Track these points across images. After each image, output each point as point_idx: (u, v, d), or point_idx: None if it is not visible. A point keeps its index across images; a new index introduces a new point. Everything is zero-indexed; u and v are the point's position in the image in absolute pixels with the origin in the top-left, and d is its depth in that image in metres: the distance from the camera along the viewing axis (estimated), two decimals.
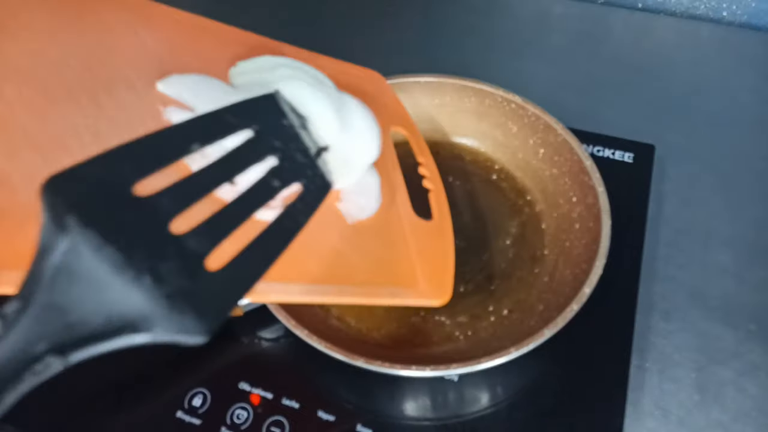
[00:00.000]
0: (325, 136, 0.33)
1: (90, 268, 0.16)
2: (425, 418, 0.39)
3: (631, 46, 0.64)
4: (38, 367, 0.15)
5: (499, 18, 0.68)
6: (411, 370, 0.35)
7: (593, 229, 0.41)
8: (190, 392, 0.40)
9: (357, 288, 0.33)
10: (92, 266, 0.16)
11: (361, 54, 0.49)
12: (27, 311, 0.16)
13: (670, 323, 0.43)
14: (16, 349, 0.15)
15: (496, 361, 0.34)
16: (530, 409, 0.39)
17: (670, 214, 0.49)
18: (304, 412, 0.39)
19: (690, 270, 0.46)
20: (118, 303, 0.16)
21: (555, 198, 0.47)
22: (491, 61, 0.62)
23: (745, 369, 0.41)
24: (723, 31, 0.65)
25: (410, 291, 0.36)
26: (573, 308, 0.36)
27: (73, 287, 0.16)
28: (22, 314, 0.16)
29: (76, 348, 0.16)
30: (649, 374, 0.41)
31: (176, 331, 0.17)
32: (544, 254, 0.45)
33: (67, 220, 0.16)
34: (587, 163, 0.44)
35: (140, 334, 0.17)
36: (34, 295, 0.16)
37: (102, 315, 0.16)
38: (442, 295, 0.37)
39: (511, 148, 0.50)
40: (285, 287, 0.30)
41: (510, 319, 0.42)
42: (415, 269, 0.37)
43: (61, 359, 0.16)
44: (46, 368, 0.16)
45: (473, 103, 0.50)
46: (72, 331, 0.16)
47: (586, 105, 0.57)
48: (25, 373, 0.15)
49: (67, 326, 0.16)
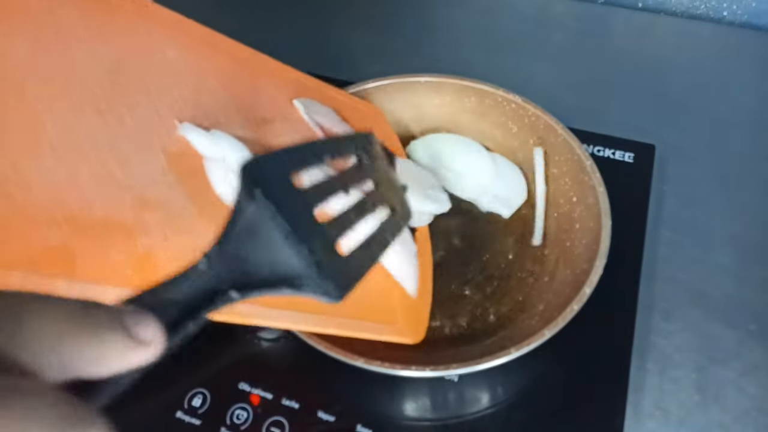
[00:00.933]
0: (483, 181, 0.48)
1: (266, 230, 0.21)
2: (425, 419, 0.39)
3: (632, 45, 0.64)
4: (223, 297, 0.20)
5: (500, 18, 0.68)
6: (411, 371, 0.34)
7: (594, 229, 0.41)
8: (190, 392, 0.40)
9: (339, 320, 0.34)
10: (268, 229, 0.21)
11: (361, 54, 0.49)
12: (222, 255, 0.20)
13: (670, 323, 0.43)
14: (212, 282, 0.20)
15: (497, 361, 0.34)
16: (530, 410, 0.39)
17: (671, 214, 0.49)
18: (304, 413, 0.39)
19: (690, 270, 0.46)
20: (281, 262, 0.21)
21: (555, 198, 0.47)
22: (491, 61, 0.62)
23: (746, 369, 0.41)
24: (723, 30, 0.65)
25: (389, 328, 0.37)
26: (573, 308, 0.36)
27: (252, 243, 0.21)
28: (218, 257, 0.20)
29: (248, 289, 0.20)
30: (649, 375, 0.41)
31: (320, 292, 0.22)
32: (544, 254, 0.45)
33: (255, 191, 0.21)
34: (587, 163, 0.43)
35: (292, 289, 0.21)
36: (228, 243, 0.20)
37: (269, 268, 0.21)
38: (416, 335, 0.39)
39: (511, 148, 0.50)
40: (269, 312, 0.31)
41: (510, 320, 0.42)
42: (395, 307, 0.39)
43: (239, 294, 0.20)
44: (228, 299, 0.20)
45: (473, 103, 0.50)
46: (247, 276, 0.21)
47: (586, 105, 0.57)
48: (215, 299, 0.20)
49: (244, 272, 0.21)
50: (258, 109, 0.39)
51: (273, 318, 0.31)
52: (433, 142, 0.51)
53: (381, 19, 0.69)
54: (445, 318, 0.43)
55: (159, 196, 0.29)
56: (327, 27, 0.69)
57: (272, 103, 0.41)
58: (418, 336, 0.39)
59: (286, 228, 0.21)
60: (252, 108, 0.39)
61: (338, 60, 0.61)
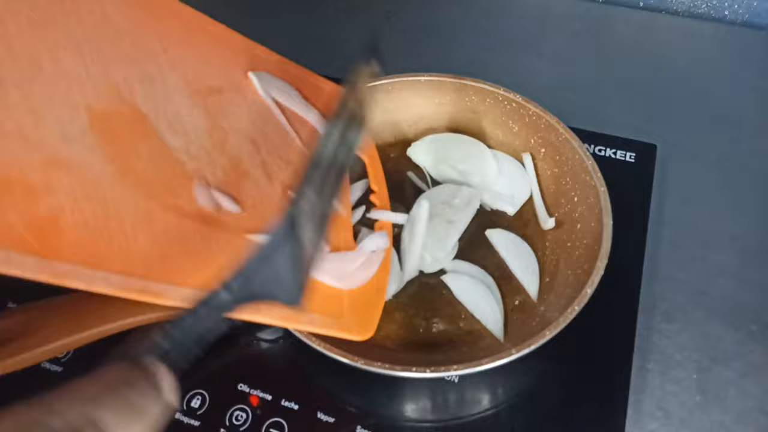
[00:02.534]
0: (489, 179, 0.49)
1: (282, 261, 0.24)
2: (426, 420, 0.39)
3: (633, 45, 0.64)
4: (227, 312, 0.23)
5: (500, 17, 0.68)
6: (411, 372, 0.34)
7: (595, 229, 0.41)
8: (189, 394, 0.40)
9: (274, 309, 0.32)
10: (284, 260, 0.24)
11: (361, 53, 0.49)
12: (244, 283, 0.23)
13: (671, 324, 0.43)
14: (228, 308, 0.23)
15: (497, 362, 0.34)
16: (531, 411, 0.39)
17: (672, 213, 0.49)
18: (304, 414, 0.39)
19: (692, 270, 0.46)
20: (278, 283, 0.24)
21: (556, 197, 0.47)
22: (492, 60, 0.62)
23: (747, 370, 0.41)
24: (724, 30, 0.65)
25: (332, 321, 0.35)
26: (574, 309, 0.36)
27: (265, 271, 0.24)
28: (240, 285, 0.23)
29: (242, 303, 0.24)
30: (651, 375, 0.41)
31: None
32: (545, 254, 0.45)
33: (297, 232, 0.25)
34: (589, 162, 0.43)
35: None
36: (251, 272, 0.23)
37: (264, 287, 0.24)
38: (365, 332, 0.37)
39: (512, 147, 0.50)
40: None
41: (511, 320, 0.42)
42: (343, 301, 0.37)
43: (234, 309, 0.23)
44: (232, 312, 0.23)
45: (474, 102, 0.50)
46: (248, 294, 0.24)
47: (587, 104, 0.57)
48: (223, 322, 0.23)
49: (250, 293, 0.24)
50: (207, 78, 0.37)
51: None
52: (434, 141, 0.51)
53: (381, 18, 0.69)
54: (445, 319, 0.43)
55: (74, 157, 0.27)
56: (326, 25, 0.68)
57: (224, 74, 0.39)
58: (367, 332, 0.37)
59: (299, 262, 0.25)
60: (200, 77, 0.37)
61: (337, 58, 0.61)
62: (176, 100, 0.34)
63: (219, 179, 0.34)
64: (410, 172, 0.51)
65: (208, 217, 0.32)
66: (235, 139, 0.37)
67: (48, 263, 0.23)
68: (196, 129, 0.35)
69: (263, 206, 0.36)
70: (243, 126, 0.38)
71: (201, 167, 0.33)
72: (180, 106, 0.34)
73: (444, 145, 0.51)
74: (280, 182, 0.39)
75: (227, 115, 0.37)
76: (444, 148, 0.51)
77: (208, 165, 0.34)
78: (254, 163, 0.38)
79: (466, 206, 0.47)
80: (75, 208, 0.25)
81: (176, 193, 0.31)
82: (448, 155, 0.50)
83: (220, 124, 0.36)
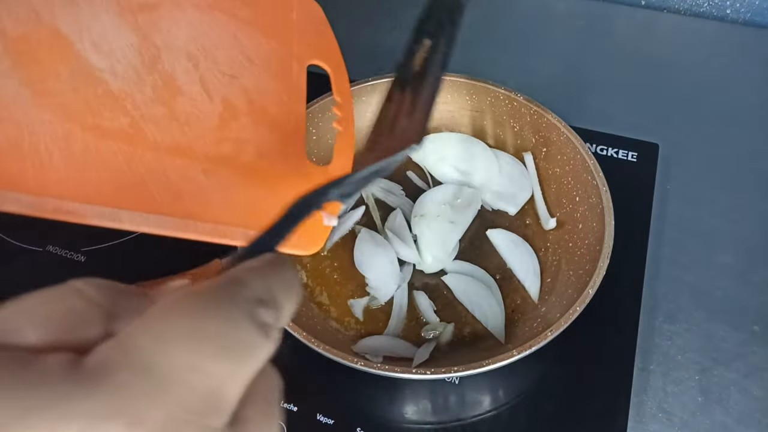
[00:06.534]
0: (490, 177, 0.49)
1: None
2: (426, 422, 0.39)
3: (635, 43, 0.63)
4: None
5: (502, 15, 0.68)
6: (412, 374, 0.34)
7: (596, 229, 0.40)
8: None
9: (203, 225, 0.31)
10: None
11: (361, 52, 0.49)
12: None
13: (674, 325, 0.43)
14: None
15: (499, 363, 0.34)
16: (532, 412, 0.39)
17: (674, 213, 0.49)
18: (303, 416, 0.38)
19: (694, 271, 0.45)
20: None
21: (558, 197, 0.47)
22: (493, 59, 0.62)
23: (749, 371, 0.41)
24: (726, 28, 0.64)
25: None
26: (576, 310, 0.36)
27: None
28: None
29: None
30: (653, 376, 0.41)
31: None
32: (546, 255, 0.45)
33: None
34: (590, 162, 0.43)
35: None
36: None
37: None
38: (311, 247, 0.35)
39: (513, 146, 0.50)
40: (110, 212, 0.29)
41: (512, 321, 0.42)
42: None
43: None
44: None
45: (475, 101, 0.50)
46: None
47: (589, 103, 0.57)
48: None
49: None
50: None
51: (117, 220, 0.29)
52: (435, 141, 0.51)
53: (381, 17, 0.68)
54: (446, 320, 0.42)
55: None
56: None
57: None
58: (313, 247, 0.35)
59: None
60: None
61: None
62: (102, 19, 0.33)
63: (148, 97, 0.34)
64: (410, 171, 0.51)
65: (133, 136, 0.32)
66: (168, 55, 0.36)
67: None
68: (123, 47, 0.34)
69: (199, 123, 0.35)
70: (180, 42, 0.37)
71: (127, 86, 0.33)
72: (106, 25, 0.33)
73: (445, 145, 0.50)
74: (222, 98, 0.37)
75: (161, 31, 0.36)
76: (445, 147, 0.50)
77: (136, 83, 0.34)
78: (191, 80, 0.37)
79: (467, 207, 0.47)
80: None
81: (98, 113, 0.31)
82: (448, 155, 0.50)
83: (152, 40, 0.36)
